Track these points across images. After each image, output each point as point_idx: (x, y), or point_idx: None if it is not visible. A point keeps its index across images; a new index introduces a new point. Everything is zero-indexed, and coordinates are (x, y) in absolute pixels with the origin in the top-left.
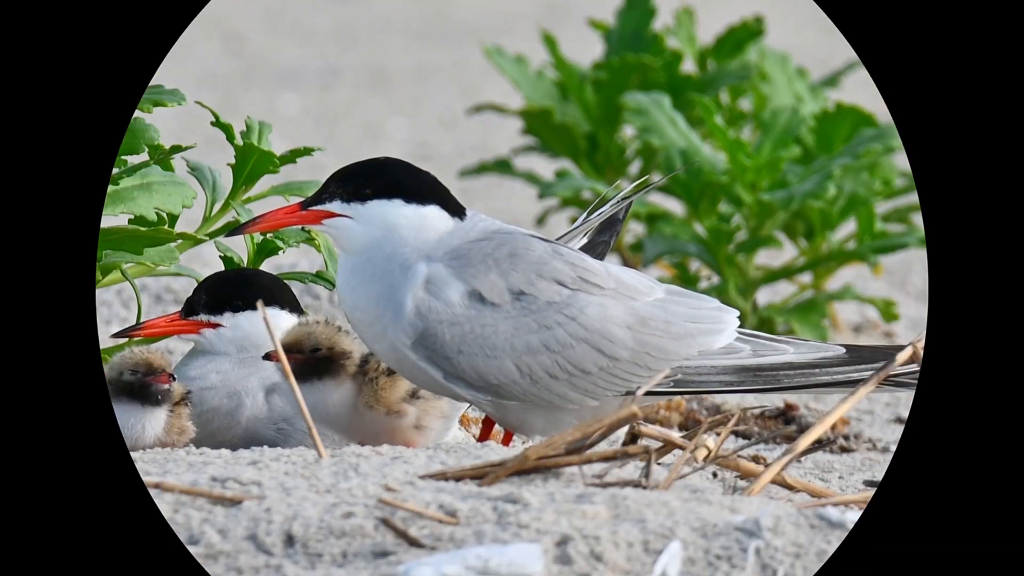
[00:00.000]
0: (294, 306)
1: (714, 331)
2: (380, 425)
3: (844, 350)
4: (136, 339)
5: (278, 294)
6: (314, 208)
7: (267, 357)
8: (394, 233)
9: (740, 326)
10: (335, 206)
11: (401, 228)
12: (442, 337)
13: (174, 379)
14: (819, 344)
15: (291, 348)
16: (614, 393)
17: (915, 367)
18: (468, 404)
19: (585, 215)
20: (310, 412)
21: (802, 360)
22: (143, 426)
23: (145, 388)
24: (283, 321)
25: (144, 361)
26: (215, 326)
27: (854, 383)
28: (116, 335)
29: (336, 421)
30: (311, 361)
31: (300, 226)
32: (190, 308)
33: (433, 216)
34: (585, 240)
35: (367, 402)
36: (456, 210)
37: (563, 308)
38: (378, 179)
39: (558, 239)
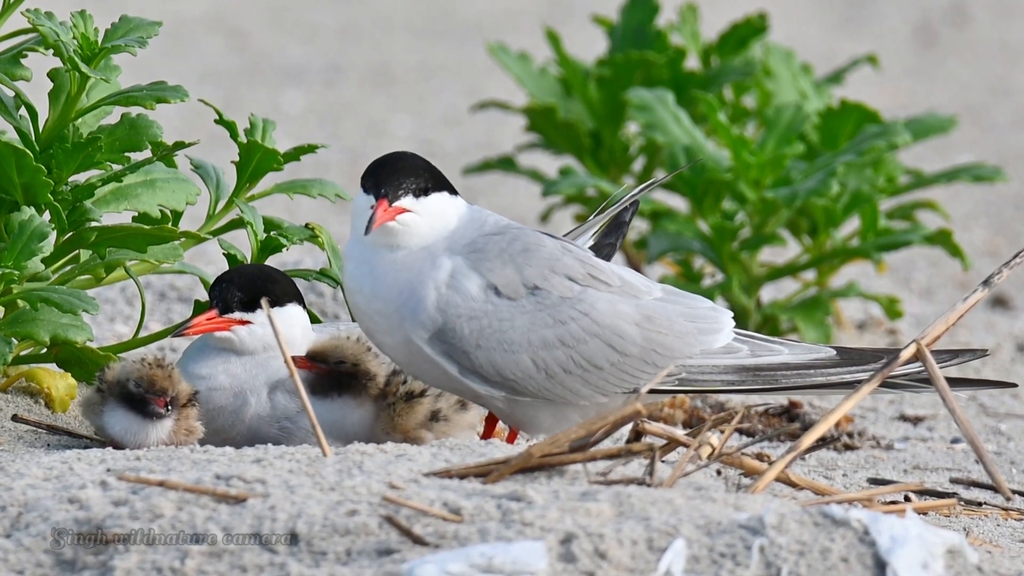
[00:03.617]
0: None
1: (713, 330)
2: None
3: (835, 352)
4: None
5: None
6: (396, 205)
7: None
8: (444, 226)
9: (735, 326)
10: (407, 202)
11: (450, 220)
12: (461, 331)
13: (169, 409)
14: (811, 345)
15: (316, 357)
16: (622, 390)
17: (916, 367)
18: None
19: (594, 216)
20: (329, 430)
21: (797, 361)
22: (147, 433)
23: (145, 404)
24: (307, 320)
25: (148, 377)
26: (247, 323)
27: (848, 385)
28: (175, 334)
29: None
30: (333, 374)
31: (385, 223)
32: (226, 305)
33: (460, 206)
34: (592, 242)
35: (384, 428)
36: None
37: (576, 304)
38: (430, 173)
39: (563, 236)
